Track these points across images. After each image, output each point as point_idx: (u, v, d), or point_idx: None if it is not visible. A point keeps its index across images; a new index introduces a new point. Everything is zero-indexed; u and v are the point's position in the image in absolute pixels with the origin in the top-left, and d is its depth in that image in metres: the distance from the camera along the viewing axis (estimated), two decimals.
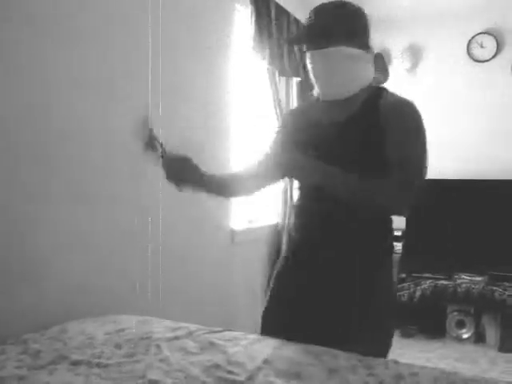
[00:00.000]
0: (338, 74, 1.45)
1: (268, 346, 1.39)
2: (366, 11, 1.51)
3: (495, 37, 4.14)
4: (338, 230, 1.49)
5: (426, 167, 1.44)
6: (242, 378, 1.19)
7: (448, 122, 4.36)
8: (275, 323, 1.60)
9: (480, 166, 4.17)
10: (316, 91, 1.55)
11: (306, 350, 1.34)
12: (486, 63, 4.21)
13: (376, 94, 1.50)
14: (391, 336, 1.56)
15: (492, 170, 4.11)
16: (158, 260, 2.36)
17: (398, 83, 4.52)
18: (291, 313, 1.54)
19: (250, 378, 1.19)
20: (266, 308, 1.66)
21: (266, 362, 1.29)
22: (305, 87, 3.80)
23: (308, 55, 1.49)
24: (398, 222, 4.36)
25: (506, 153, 4.14)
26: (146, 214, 2.32)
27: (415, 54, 4.44)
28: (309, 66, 1.50)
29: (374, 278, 1.48)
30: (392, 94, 1.52)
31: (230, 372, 1.23)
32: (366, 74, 1.51)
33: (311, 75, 1.51)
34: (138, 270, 2.24)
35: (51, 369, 1.29)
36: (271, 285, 1.67)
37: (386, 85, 4.07)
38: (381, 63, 4.55)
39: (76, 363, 1.31)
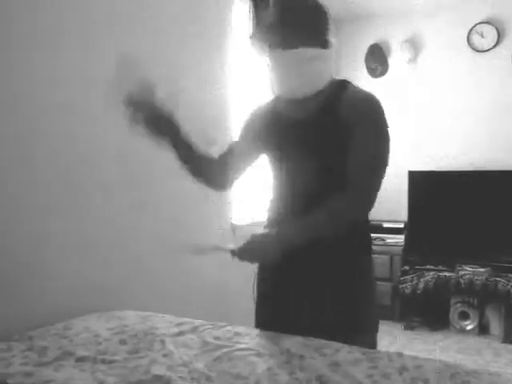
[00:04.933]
0: (300, 75, 1.43)
1: (270, 340, 1.39)
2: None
3: (496, 26, 4.12)
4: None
5: (386, 168, 1.44)
6: (245, 372, 1.19)
7: (450, 112, 4.34)
8: (267, 322, 1.57)
9: (482, 157, 4.16)
10: (274, 89, 1.52)
11: (307, 344, 1.35)
12: (486, 53, 4.19)
13: (338, 90, 1.47)
14: (376, 325, 1.58)
15: (494, 160, 4.10)
16: (159, 256, 2.37)
17: (398, 75, 4.52)
18: (281, 311, 1.52)
19: (254, 372, 1.19)
20: (257, 308, 1.62)
21: (269, 355, 1.29)
22: None
23: (269, 54, 1.46)
24: (400, 215, 4.39)
25: (509, 143, 4.13)
26: (145, 211, 2.32)
27: (415, 45, 4.42)
28: (268, 65, 1.48)
29: (355, 274, 1.48)
30: (354, 90, 1.48)
31: (233, 366, 1.23)
32: (327, 71, 1.48)
33: (270, 74, 1.49)
34: (138, 266, 2.25)
35: (57, 365, 1.30)
36: (257, 284, 1.62)
37: (384, 76, 3.99)
38: (380, 54, 4.53)
39: (81, 359, 1.32)
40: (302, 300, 1.48)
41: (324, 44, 1.45)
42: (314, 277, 1.45)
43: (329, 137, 1.43)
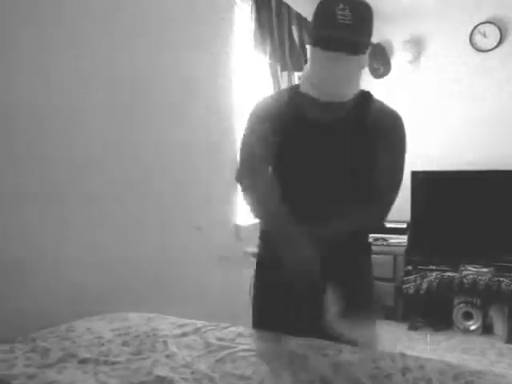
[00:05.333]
0: (351, 80, 1.39)
1: (273, 341, 1.39)
2: (369, 2, 1.43)
3: (498, 26, 4.11)
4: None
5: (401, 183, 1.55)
6: (248, 372, 1.19)
7: (452, 112, 4.34)
8: (263, 322, 1.59)
9: (486, 157, 4.15)
10: (307, 87, 1.41)
11: (310, 345, 1.35)
12: (489, 53, 4.18)
13: (364, 100, 1.49)
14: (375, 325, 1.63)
15: (498, 160, 4.09)
16: (161, 257, 2.37)
17: (401, 75, 4.51)
18: (278, 312, 1.54)
19: (256, 372, 1.19)
20: (254, 308, 1.65)
21: (272, 356, 1.29)
22: None
23: (320, 52, 1.35)
24: (403, 215, 4.39)
25: (511, 141, 4.12)
26: (149, 212, 2.32)
27: (417, 45, 4.42)
28: (315, 63, 1.37)
29: (355, 274, 1.52)
30: (380, 103, 1.53)
31: (236, 367, 1.23)
32: (361, 78, 1.47)
33: (315, 72, 1.38)
34: (141, 267, 2.25)
35: (60, 367, 1.30)
36: (254, 284, 1.64)
37: (387, 77, 3.91)
38: (382, 55, 4.53)
39: (84, 361, 1.32)
40: (301, 300, 1.48)
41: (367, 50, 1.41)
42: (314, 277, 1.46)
43: (354, 144, 1.45)
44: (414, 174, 4.20)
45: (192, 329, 1.55)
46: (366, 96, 1.50)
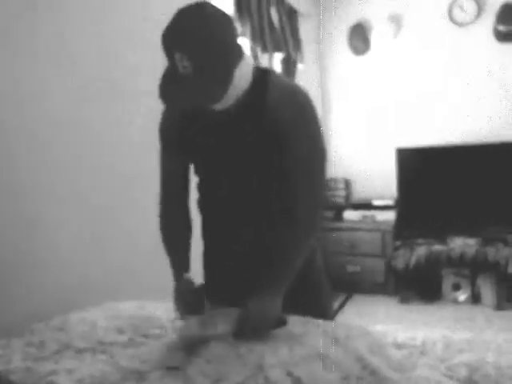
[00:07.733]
0: (226, 101, 1.29)
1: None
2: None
3: (476, 0, 4.13)
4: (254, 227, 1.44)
5: (325, 180, 1.41)
6: (243, 350, 1.21)
7: (432, 87, 4.36)
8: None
9: (466, 131, 4.20)
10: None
11: (307, 321, 1.36)
12: (467, 26, 4.20)
13: (260, 89, 1.31)
14: (330, 293, 1.63)
15: (478, 133, 4.14)
16: (153, 248, 2.37)
17: (381, 51, 4.51)
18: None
19: (252, 350, 1.20)
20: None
21: (268, 334, 1.30)
22: (288, 63, 3.79)
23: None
24: (389, 192, 4.41)
25: (491, 115, 4.16)
26: (147, 207, 2.32)
27: (396, 21, 4.41)
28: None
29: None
30: (277, 87, 1.31)
31: (233, 345, 1.24)
32: (242, 78, 1.28)
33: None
34: (134, 258, 2.25)
35: (57, 358, 1.30)
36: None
37: (368, 54, 3.87)
38: (361, 32, 4.52)
39: (81, 351, 1.33)
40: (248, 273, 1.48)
41: (238, 62, 1.25)
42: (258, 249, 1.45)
43: (249, 141, 1.33)
44: (399, 152, 4.24)
45: None
46: (260, 82, 1.32)
